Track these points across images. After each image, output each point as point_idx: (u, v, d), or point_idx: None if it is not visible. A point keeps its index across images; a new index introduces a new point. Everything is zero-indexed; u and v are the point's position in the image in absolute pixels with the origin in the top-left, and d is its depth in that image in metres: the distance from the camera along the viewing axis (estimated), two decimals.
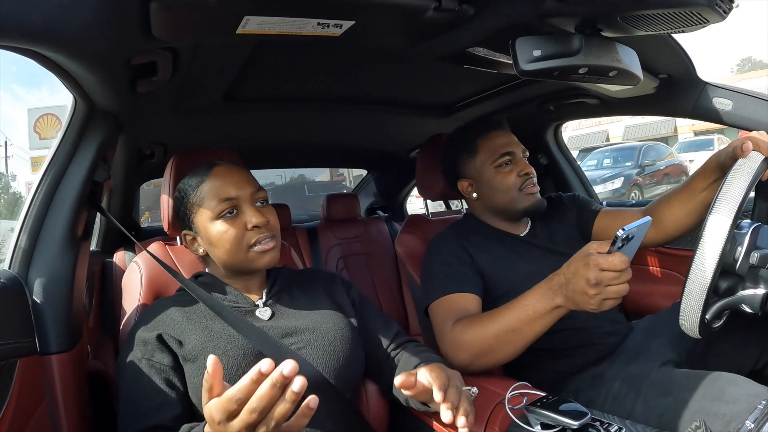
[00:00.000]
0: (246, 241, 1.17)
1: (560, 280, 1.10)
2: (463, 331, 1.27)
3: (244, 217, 1.18)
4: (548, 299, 1.13)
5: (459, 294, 1.40)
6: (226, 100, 1.75)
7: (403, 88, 1.95)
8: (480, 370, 1.28)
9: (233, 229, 1.17)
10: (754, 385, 1.11)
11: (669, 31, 1.07)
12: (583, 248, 1.07)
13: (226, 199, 1.17)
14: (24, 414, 1.05)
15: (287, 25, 1.08)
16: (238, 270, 1.22)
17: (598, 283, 1.00)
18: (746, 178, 1.09)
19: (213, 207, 1.17)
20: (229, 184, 1.19)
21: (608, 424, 1.01)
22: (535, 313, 1.15)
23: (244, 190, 1.20)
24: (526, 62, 1.07)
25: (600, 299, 1.02)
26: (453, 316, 1.34)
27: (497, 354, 1.23)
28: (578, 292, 1.04)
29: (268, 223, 1.20)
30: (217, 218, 1.17)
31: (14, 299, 1.12)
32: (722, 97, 1.57)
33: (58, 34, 0.95)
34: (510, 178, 1.55)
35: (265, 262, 1.19)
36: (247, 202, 1.19)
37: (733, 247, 1.10)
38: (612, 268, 0.99)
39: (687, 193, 1.43)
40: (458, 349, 1.28)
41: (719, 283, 1.11)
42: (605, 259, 1.00)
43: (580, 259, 1.05)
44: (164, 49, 1.16)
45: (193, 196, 1.21)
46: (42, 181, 1.24)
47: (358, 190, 4.13)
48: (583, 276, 1.02)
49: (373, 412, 1.31)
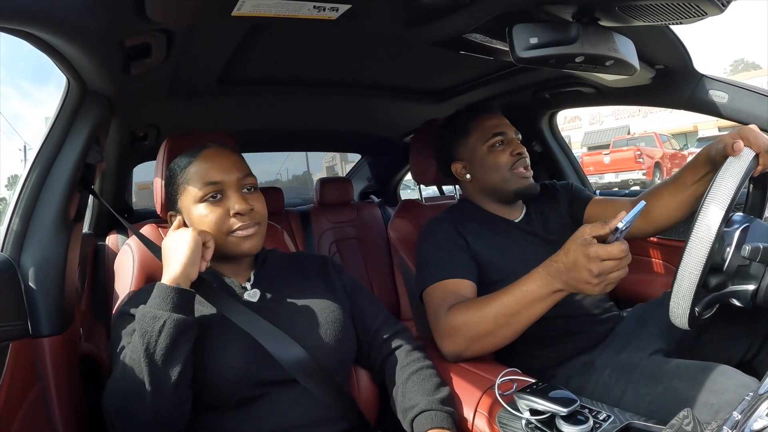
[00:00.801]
0: (227, 227, 1.16)
1: (559, 267, 1.10)
2: (459, 316, 1.27)
3: (227, 202, 1.17)
4: (548, 284, 1.14)
5: (454, 280, 1.40)
6: (220, 83, 1.74)
7: (399, 73, 1.94)
8: (474, 356, 1.29)
9: (214, 213, 1.16)
10: (742, 376, 1.12)
11: (667, 22, 1.06)
12: (577, 232, 1.08)
13: (211, 183, 1.17)
14: (16, 397, 1.06)
15: (283, 8, 1.07)
16: (221, 254, 1.21)
17: (600, 274, 1.03)
18: (736, 178, 1.08)
19: (197, 190, 1.17)
20: (215, 168, 1.18)
21: (597, 411, 1.03)
22: (535, 298, 1.16)
23: (231, 176, 1.19)
24: (522, 49, 1.06)
25: (603, 286, 1.05)
26: (447, 302, 1.33)
27: (494, 338, 1.24)
28: (580, 281, 1.06)
29: (252, 211, 1.19)
30: (201, 201, 1.17)
31: (6, 282, 1.12)
32: (718, 90, 1.57)
33: (51, 15, 0.94)
34: (502, 157, 1.56)
35: (246, 248, 1.18)
36: (233, 188, 1.18)
37: (722, 247, 1.10)
38: (612, 258, 1.01)
39: (677, 186, 1.43)
40: (453, 334, 1.28)
41: (708, 279, 1.12)
42: (605, 251, 1.01)
43: (578, 249, 1.05)
44: (158, 30, 1.15)
45: (180, 177, 1.20)
46: (34, 164, 1.23)
47: (351, 174, 4.12)
48: (584, 267, 1.04)
49: (364, 396, 1.32)
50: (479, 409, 1.13)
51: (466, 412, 1.16)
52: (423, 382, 1.20)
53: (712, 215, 1.04)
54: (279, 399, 1.09)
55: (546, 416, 1.00)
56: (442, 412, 1.13)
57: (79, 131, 1.28)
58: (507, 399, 1.09)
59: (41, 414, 1.14)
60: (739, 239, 1.10)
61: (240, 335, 1.09)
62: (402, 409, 1.18)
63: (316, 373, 1.11)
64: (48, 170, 1.24)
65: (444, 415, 1.13)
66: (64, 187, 1.24)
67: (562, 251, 1.11)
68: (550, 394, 1.01)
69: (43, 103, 46.32)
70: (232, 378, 1.05)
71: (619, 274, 1.04)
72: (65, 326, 1.22)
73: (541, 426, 1.00)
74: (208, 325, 1.09)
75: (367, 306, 1.34)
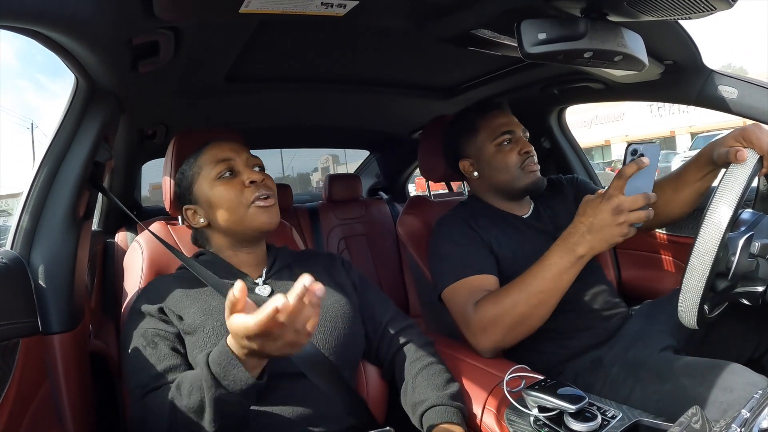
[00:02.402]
0: (245, 199, 1.21)
1: (581, 229, 1.17)
2: (490, 308, 1.28)
3: (241, 176, 1.23)
4: (570, 252, 1.19)
5: (478, 276, 1.40)
6: (228, 81, 1.74)
7: (406, 69, 1.93)
8: (511, 344, 1.31)
9: (231, 188, 1.21)
10: (751, 374, 1.11)
11: (675, 17, 1.05)
12: (582, 202, 1.19)
13: (223, 160, 1.23)
14: (27, 394, 1.06)
15: (290, 4, 1.07)
16: (238, 236, 1.24)
17: (620, 208, 1.10)
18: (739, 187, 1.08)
19: (210, 170, 1.23)
20: (225, 148, 1.26)
21: (605, 408, 1.02)
22: (561, 269, 1.20)
23: (240, 155, 1.26)
24: (531, 45, 1.05)
25: (626, 225, 1.11)
26: (474, 298, 1.34)
27: (530, 320, 1.26)
28: (606, 224, 1.12)
29: (264, 182, 1.24)
30: (216, 180, 1.22)
31: (17, 279, 1.13)
32: (727, 86, 1.55)
33: (60, 14, 0.94)
34: (510, 157, 1.55)
35: (265, 219, 1.22)
36: (243, 164, 1.25)
37: (726, 255, 1.10)
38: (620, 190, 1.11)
39: (680, 183, 1.42)
40: (488, 328, 1.28)
41: (716, 282, 1.11)
42: (613, 188, 1.11)
43: (589, 203, 1.16)
44: (166, 28, 1.15)
45: (191, 169, 1.27)
46: (44, 162, 1.24)
47: (360, 170, 4.12)
48: (604, 209, 1.12)
49: (372, 393, 1.32)
50: (488, 406, 1.13)
51: (475, 408, 1.16)
52: (433, 377, 1.20)
53: (716, 224, 1.04)
54: (286, 392, 1.10)
55: (554, 413, 1.00)
56: (452, 407, 1.14)
57: (88, 129, 1.28)
58: (515, 396, 1.09)
59: (51, 410, 1.15)
60: (744, 245, 1.09)
61: None
62: (411, 404, 1.19)
63: (323, 367, 1.12)
64: (57, 168, 1.24)
65: (453, 410, 1.13)
66: (73, 185, 1.25)
67: (576, 218, 1.19)
68: (558, 391, 1.01)
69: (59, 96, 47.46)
70: None
71: (639, 215, 1.11)
72: (75, 323, 1.23)
73: (550, 423, 1.00)
74: (220, 318, 1.10)
75: (375, 302, 1.34)
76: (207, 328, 1.08)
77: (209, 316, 1.11)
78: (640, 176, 1.10)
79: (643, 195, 1.09)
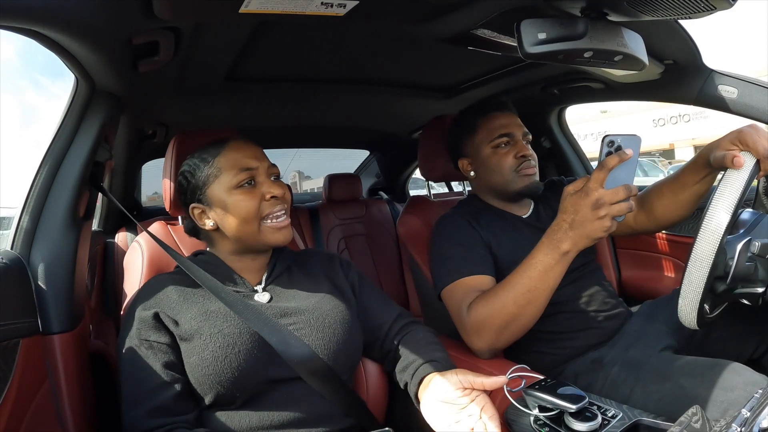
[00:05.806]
0: (261, 212, 1.18)
1: (563, 226, 1.14)
2: (480, 310, 1.27)
3: (261, 188, 1.19)
4: (554, 250, 1.16)
5: (473, 277, 1.39)
6: (227, 81, 1.74)
7: (406, 69, 1.94)
8: (506, 345, 1.30)
9: (251, 199, 1.18)
10: (752, 373, 1.11)
11: (675, 17, 1.05)
12: (562, 197, 1.15)
13: (247, 169, 1.19)
14: (27, 394, 1.06)
15: (290, 4, 1.06)
16: (247, 245, 1.22)
17: (599, 202, 1.07)
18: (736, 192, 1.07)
19: (232, 177, 1.18)
20: (248, 155, 1.21)
21: (606, 408, 1.02)
22: (546, 266, 1.17)
23: (263, 163, 1.22)
24: (530, 45, 1.05)
25: (608, 219, 1.07)
26: (468, 299, 1.33)
27: (520, 320, 1.24)
28: (587, 219, 1.09)
29: (284, 196, 1.22)
30: (236, 188, 1.18)
31: (17, 279, 1.13)
32: (727, 85, 1.55)
33: (59, 14, 0.94)
34: (506, 160, 1.55)
35: (278, 239, 1.21)
36: (264, 175, 1.21)
37: (724, 260, 1.10)
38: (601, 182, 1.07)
39: (678, 185, 1.41)
40: (480, 329, 1.28)
41: (715, 284, 1.11)
42: (593, 181, 1.08)
43: (569, 199, 1.12)
44: (166, 28, 1.16)
45: (208, 168, 1.20)
46: (43, 162, 1.24)
47: (360, 170, 4.12)
48: (584, 204, 1.08)
49: (372, 395, 1.32)
50: None
51: None
52: (427, 345, 1.23)
53: (716, 223, 1.04)
54: (284, 396, 1.10)
55: (554, 413, 1.00)
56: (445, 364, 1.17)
57: (87, 129, 1.28)
58: (515, 395, 1.09)
59: (51, 410, 1.15)
60: (743, 249, 1.10)
61: (249, 333, 1.09)
62: (402, 368, 1.22)
63: (321, 371, 1.12)
64: (57, 168, 1.24)
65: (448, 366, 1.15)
66: (73, 185, 1.25)
67: (559, 215, 1.16)
68: (558, 391, 1.01)
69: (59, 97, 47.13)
70: (239, 376, 1.05)
71: (621, 208, 1.07)
72: (75, 323, 1.23)
73: (550, 423, 1.00)
74: (217, 323, 1.10)
75: (375, 302, 1.34)
76: (203, 334, 1.07)
77: (206, 321, 1.10)
78: (621, 168, 1.08)
79: (624, 187, 1.06)
